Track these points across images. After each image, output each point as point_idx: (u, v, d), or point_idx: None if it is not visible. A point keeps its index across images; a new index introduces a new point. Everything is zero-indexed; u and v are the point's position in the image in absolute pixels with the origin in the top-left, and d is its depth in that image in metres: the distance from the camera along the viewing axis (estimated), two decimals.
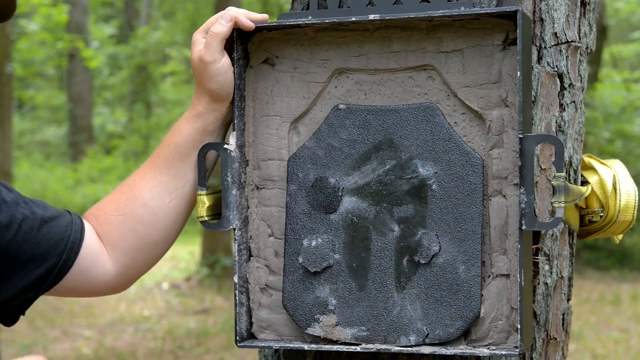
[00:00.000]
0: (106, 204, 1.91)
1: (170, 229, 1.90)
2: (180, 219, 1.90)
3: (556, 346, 1.88)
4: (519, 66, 1.63)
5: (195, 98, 1.86)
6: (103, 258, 1.86)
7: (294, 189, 1.81)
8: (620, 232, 1.91)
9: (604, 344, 8.83)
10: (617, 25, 21.33)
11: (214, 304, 10.91)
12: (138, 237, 1.88)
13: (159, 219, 1.87)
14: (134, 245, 1.88)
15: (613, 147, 13.10)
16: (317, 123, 1.82)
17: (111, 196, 1.92)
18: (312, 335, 1.78)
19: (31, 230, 1.74)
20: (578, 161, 1.89)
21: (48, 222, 1.77)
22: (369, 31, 1.79)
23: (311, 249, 1.78)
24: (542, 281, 1.83)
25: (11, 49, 10.29)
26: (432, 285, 1.71)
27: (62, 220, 1.81)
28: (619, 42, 20.14)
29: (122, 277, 1.91)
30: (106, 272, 1.87)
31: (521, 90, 1.63)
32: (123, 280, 1.91)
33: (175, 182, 1.87)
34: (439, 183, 1.72)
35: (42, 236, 1.76)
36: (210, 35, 1.80)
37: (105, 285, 1.89)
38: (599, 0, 1.95)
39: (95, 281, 1.86)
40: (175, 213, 1.89)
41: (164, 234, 1.89)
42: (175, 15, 26.18)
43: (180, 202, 1.88)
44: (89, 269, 1.84)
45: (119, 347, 9.07)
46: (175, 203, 1.88)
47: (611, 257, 13.07)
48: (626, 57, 19.89)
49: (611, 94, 13.86)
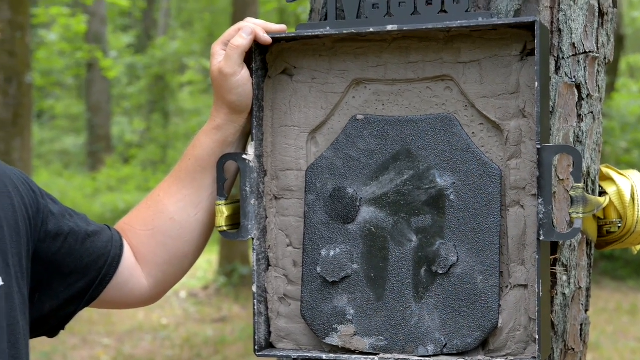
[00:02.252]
0: (133, 218, 1.92)
1: (198, 240, 1.91)
2: (206, 231, 1.91)
3: (574, 357, 1.87)
4: (537, 77, 1.63)
5: (214, 110, 1.86)
6: (138, 273, 1.88)
7: (312, 199, 1.81)
8: (638, 243, 1.90)
9: (621, 354, 8.79)
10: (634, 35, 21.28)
11: (232, 313, 10.91)
12: (168, 251, 1.89)
13: (186, 232, 1.88)
14: (164, 259, 1.89)
15: (630, 156, 13.06)
16: (335, 133, 1.82)
17: (137, 211, 1.93)
18: (331, 345, 1.78)
19: (76, 243, 1.76)
20: (596, 172, 1.88)
21: (91, 237, 1.80)
22: (387, 42, 1.79)
23: (329, 259, 1.78)
24: (560, 292, 1.82)
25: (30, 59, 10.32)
26: (450, 296, 1.71)
27: (103, 235, 1.83)
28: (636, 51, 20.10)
29: (155, 290, 1.93)
30: (141, 286, 1.89)
31: (539, 100, 1.63)
32: (156, 293, 1.93)
33: (199, 195, 1.88)
34: (456, 193, 1.71)
35: (85, 250, 1.78)
36: (230, 48, 1.80)
37: (140, 298, 1.91)
38: (617, 11, 1.94)
39: (131, 295, 1.88)
40: (201, 225, 1.90)
41: (192, 246, 1.91)
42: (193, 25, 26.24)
43: (205, 214, 1.89)
44: (126, 284, 1.85)
45: (137, 355, 9.09)
46: (200, 215, 1.89)
47: (628, 267, 13.02)
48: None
49: (628, 104, 13.84)
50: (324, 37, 1.80)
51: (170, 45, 24.00)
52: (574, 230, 1.64)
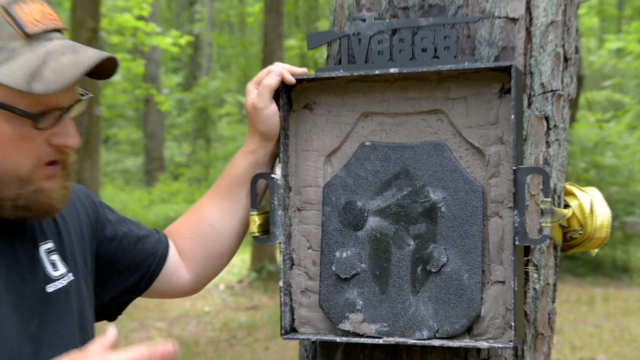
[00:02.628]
0: (180, 224, 1.93)
1: (232, 244, 1.92)
2: (239, 236, 1.92)
3: (543, 340, 1.86)
4: (513, 111, 1.63)
5: (249, 137, 1.87)
6: (181, 269, 1.89)
7: (328, 210, 1.81)
8: (596, 247, 1.89)
9: (581, 337, 8.75)
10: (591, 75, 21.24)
11: (261, 302, 10.90)
12: (207, 252, 1.89)
13: (223, 236, 1.89)
14: (204, 257, 1.90)
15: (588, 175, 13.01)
16: (347, 157, 1.82)
17: (183, 218, 1.94)
18: (343, 330, 1.78)
19: (129, 245, 1.78)
20: (561, 188, 1.87)
21: (142, 239, 1.81)
22: (390, 82, 1.79)
23: (342, 259, 1.78)
24: (531, 287, 1.81)
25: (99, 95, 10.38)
26: (441, 290, 1.70)
27: (152, 238, 1.84)
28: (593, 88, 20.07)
29: (195, 283, 1.93)
30: (184, 280, 1.90)
31: (514, 130, 1.63)
32: (196, 286, 1.94)
33: (234, 206, 1.89)
34: (446, 206, 1.71)
35: (137, 251, 1.79)
36: (262, 87, 1.81)
37: (183, 290, 1.92)
38: (578, 56, 1.94)
39: (175, 287, 1.89)
40: (235, 231, 1.90)
41: (227, 248, 1.91)
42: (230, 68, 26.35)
43: (239, 222, 1.89)
44: (171, 277, 1.86)
45: (185, 336, 9.08)
46: (235, 223, 1.89)
47: (586, 265, 12.95)
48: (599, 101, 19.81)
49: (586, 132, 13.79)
50: (338, 78, 1.80)
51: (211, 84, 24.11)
52: (544, 237, 1.64)
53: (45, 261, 1.54)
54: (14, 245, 1.47)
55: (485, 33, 1.78)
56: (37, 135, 1.39)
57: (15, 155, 1.38)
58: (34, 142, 1.39)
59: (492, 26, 1.77)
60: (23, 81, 1.32)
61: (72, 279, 1.59)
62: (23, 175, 1.39)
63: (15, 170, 1.38)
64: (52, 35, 1.41)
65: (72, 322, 1.55)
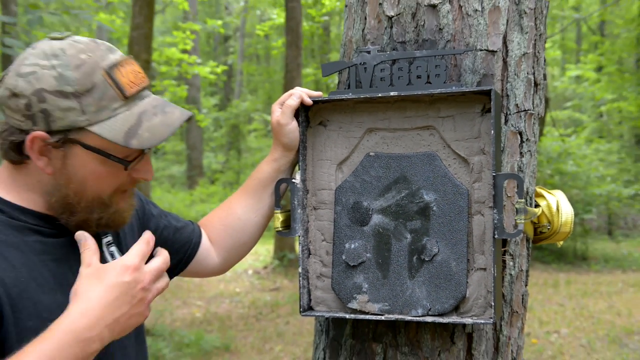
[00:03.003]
0: (212, 216, 1.94)
1: (255, 234, 1.92)
2: (261, 228, 1.92)
3: (518, 317, 1.85)
4: (493, 127, 1.62)
5: (273, 148, 1.87)
6: (212, 254, 1.89)
7: (339, 209, 1.80)
8: (561, 240, 1.88)
9: (547, 314, 8.71)
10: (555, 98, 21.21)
11: (283, 285, 10.90)
12: (234, 240, 1.90)
13: (247, 228, 1.89)
14: (231, 245, 1.90)
15: (553, 180, 13.00)
16: (355, 165, 1.81)
17: (215, 212, 1.95)
18: (351, 308, 1.77)
19: (169, 235, 1.79)
20: (532, 191, 1.86)
21: (179, 230, 1.83)
22: (390, 103, 1.78)
23: (351, 249, 1.77)
24: (508, 272, 1.80)
25: None
26: (433, 275, 1.69)
27: (188, 228, 1.85)
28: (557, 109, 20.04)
29: (223, 266, 1.94)
30: (214, 263, 1.91)
31: (494, 143, 1.62)
32: (224, 268, 1.94)
33: (258, 204, 1.89)
34: (437, 206, 1.70)
35: (176, 239, 1.80)
36: (285, 107, 1.81)
37: (213, 271, 1.92)
38: (545, 82, 1.93)
39: (207, 268, 1.90)
40: (258, 224, 1.91)
41: (250, 238, 1.91)
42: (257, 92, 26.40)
43: (261, 217, 1.90)
44: (204, 260, 1.87)
45: (220, 312, 9.09)
46: (258, 218, 1.89)
47: (552, 255, 12.94)
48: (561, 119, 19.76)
49: (552, 144, 13.75)
50: (348, 100, 1.79)
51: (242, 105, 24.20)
52: (518, 231, 1.62)
53: (106, 252, 1.55)
54: None
55: (469, 63, 1.76)
56: (123, 173, 1.44)
57: (103, 187, 1.42)
58: (119, 178, 1.44)
59: (475, 57, 1.76)
60: (121, 137, 1.36)
61: None
62: (105, 200, 1.43)
63: (100, 197, 1.43)
64: (144, 93, 1.44)
65: None
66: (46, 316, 1.30)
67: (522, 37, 1.80)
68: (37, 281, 1.33)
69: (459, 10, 1.77)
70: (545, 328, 8.08)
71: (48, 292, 1.34)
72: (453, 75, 1.77)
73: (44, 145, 1.37)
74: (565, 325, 8.22)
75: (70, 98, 1.34)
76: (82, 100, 1.34)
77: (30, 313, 1.30)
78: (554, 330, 7.98)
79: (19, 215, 1.39)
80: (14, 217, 1.38)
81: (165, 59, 15.43)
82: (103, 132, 1.35)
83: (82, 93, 1.34)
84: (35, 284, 1.32)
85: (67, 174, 1.39)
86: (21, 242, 1.35)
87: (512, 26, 1.79)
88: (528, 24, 1.81)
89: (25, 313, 1.29)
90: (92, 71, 1.35)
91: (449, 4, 1.77)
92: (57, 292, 1.36)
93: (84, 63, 1.35)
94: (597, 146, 15.95)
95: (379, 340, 1.80)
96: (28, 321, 1.29)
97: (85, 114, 1.35)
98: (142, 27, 8.42)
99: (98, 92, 1.35)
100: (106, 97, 1.36)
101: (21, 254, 1.34)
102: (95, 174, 1.40)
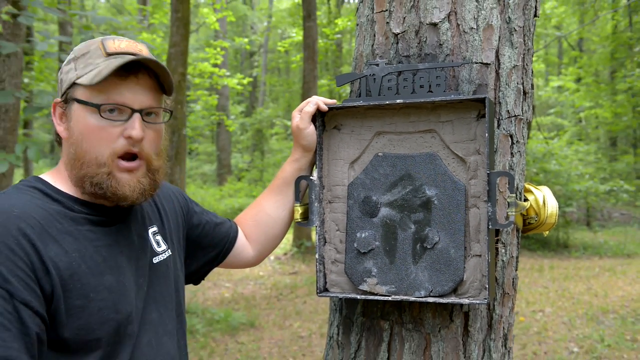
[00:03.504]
0: (245, 214, 1.93)
1: (284, 228, 1.91)
2: (288, 222, 1.91)
3: (509, 298, 1.83)
4: (487, 130, 1.60)
5: (294, 150, 1.86)
6: (247, 247, 1.88)
7: (351, 203, 1.78)
8: (547, 230, 1.85)
9: (533, 295, 8.66)
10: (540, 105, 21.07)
11: (301, 269, 10.90)
12: (266, 234, 1.89)
13: (277, 222, 1.88)
14: (263, 238, 1.89)
15: (538, 178, 12.91)
16: (365, 164, 1.80)
17: (247, 210, 1.94)
18: (362, 290, 1.75)
19: (210, 230, 1.79)
20: (522, 187, 1.84)
21: (218, 225, 1.82)
22: (396, 109, 1.76)
23: (362, 238, 1.75)
24: (500, 259, 1.78)
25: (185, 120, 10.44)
26: (434, 261, 1.68)
27: (226, 225, 1.84)
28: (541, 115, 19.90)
29: (257, 258, 1.93)
30: (249, 255, 1.89)
31: (488, 144, 1.60)
32: (258, 259, 1.93)
33: (285, 200, 1.88)
34: (438, 200, 1.68)
35: (215, 234, 1.79)
36: (303, 113, 1.80)
37: (248, 262, 1.91)
38: (533, 91, 1.90)
39: (243, 260, 1.89)
40: (286, 219, 1.90)
41: (280, 230, 1.90)
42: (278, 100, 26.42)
43: (288, 212, 1.89)
44: (240, 253, 1.86)
45: (245, 293, 9.11)
46: (285, 213, 1.88)
47: (538, 243, 12.84)
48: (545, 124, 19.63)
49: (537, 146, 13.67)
50: (359, 107, 1.78)
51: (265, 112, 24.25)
52: (510, 222, 1.61)
53: (152, 240, 1.55)
54: (131, 229, 1.48)
55: (466, 74, 1.75)
56: (111, 128, 1.38)
57: (96, 143, 1.38)
58: (109, 134, 1.38)
59: (471, 69, 1.74)
60: (90, 80, 1.36)
61: (170, 254, 1.59)
62: (101, 160, 1.38)
63: (96, 155, 1.38)
64: (128, 56, 1.40)
65: (170, 285, 1.56)
66: (93, 296, 1.32)
67: (513, 51, 1.78)
68: (87, 265, 1.33)
69: (456, 28, 1.75)
70: (531, 307, 8.02)
71: (97, 275, 1.34)
72: (452, 85, 1.75)
73: (60, 111, 1.43)
74: (549, 305, 8.16)
75: (71, 62, 1.43)
76: (77, 62, 1.41)
77: (79, 293, 1.30)
78: (539, 310, 7.92)
79: (73, 205, 1.39)
80: (69, 207, 1.39)
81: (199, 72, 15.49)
82: (83, 80, 1.37)
83: (79, 57, 1.42)
84: (86, 267, 1.33)
85: (71, 132, 1.40)
86: (75, 230, 1.36)
87: (504, 42, 1.77)
88: (518, 40, 1.79)
89: (74, 293, 1.30)
90: (92, 43, 1.43)
91: (448, 22, 1.75)
92: (105, 274, 1.36)
93: (92, 39, 1.44)
94: (577, 148, 15.83)
95: (387, 318, 1.79)
96: (76, 300, 1.30)
97: (76, 70, 1.40)
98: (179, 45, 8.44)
99: (89, 54, 1.41)
100: (93, 56, 1.40)
101: (75, 240, 1.34)
102: (86, 126, 1.37)
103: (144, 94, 1.41)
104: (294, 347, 6.59)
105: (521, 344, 6.52)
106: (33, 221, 1.29)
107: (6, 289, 1.20)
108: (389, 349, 1.77)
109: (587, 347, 6.39)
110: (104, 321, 1.33)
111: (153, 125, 1.44)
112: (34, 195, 1.36)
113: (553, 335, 6.85)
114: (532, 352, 6.26)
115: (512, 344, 1.87)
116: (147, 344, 1.43)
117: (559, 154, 13.78)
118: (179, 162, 8.74)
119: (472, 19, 1.75)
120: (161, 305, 1.50)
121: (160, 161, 1.46)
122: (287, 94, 24.58)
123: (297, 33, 18.33)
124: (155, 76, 1.43)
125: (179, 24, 8.45)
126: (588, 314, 7.61)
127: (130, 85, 1.38)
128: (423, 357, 1.74)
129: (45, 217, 1.32)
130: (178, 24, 8.44)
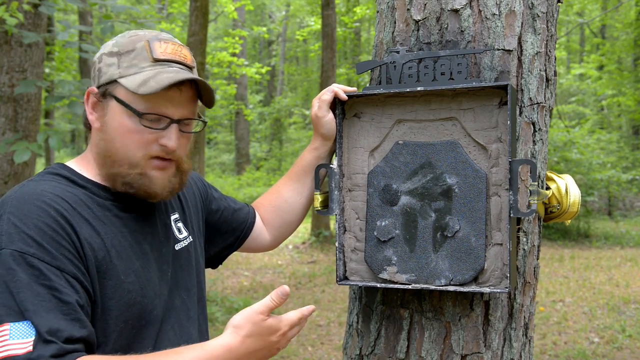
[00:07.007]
0: (263, 199, 1.94)
1: (301, 214, 1.91)
2: (305, 209, 1.92)
3: (530, 287, 1.81)
4: (509, 118, 1.58)
5: (313, 138, 1.86)
6: (264, 232, 1.89)
7: (371, 191, 1.78)
8: (569, 218, 1.84)
9: (554, 285, 8.60)
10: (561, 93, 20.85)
11: (319, 258, 10.92)
12: (282, 219, 1.89)
13: (294, 209, 1.89)
14: (280, 223, 1.90)
15: (559, 167, 12.80)
16: (385, 152, 1.79)
17: (266, 195, 1.95)
18: (382, 278, 1.75)
19: (228, 215, 1.81)
20: (544, 175, 1.82)
21: (237, 211, 1.84)
22: (417, 97, 1.75)
23: (382, 227, 1.75)
24: (522, 247, 1.76)
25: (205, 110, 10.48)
26: (454, 250, 1.67)
27: (244, 210, 1.86)
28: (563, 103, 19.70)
29: (274, 242, 1.94)
30: (266, 240, 1.91)
31: (510, 132, 1.58)
32: (274, 244, 1.95)
33: (302, 187, 1.88)
34: (459, 188, 1.67)
35: (233, 219, 1.81)
36: (321, 101, 1.80)
37: (265, 247, 1.93)
38: (556, 78, 1.88)
39: (260, 245, 1.91)
40: (303, 205, 1.90)
41: (296, 217, 1.91)
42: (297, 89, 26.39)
43: (305, 199, 1.89)
44: (257, 238, 1.88)
45: (264, 281, 9.15)
46: (303, 200, 1.89)
47: (558, 232, 12.75)
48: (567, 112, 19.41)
49: (558, 134, 13.53)
50: (379, 94, 1.77)
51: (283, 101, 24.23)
52: (531, 211, 1.59)
53: (174, 227, 1.57)
54: (154, 217, 1.51)
55: (488, 61, 1.73)
56: (147, 133, 1.39)
57: (130, 144, 1.39)
58: (145, 139, 1.39)
59: (493, 56, 1.72)
60: (136, 86, 1.36)
61: (191, 240, 1.61)
62: (133, 161, 1.39)
63: (129, 156, 1.39)
64: (175, 65, 1.42)
65: (191, 270, 1.58)
66: (123, 278, 1.35)
67: (535, 37, 1.76)
68: (116, 249, 1.36)
69: (478, 14, 1.73)
70: (551, 297, 7.97)
71: (125, 259, 1.37)
72: (473, 72, 1.73)
73: (94, 100, 1.42)
74: (569, 295, 8.10)
75: (114, 56, 1.41)
76: (121, 58, 1.40)
77: (111, 274, 1.33)
78: (560, 300, 7.87)
79: (99, 191, 1.42)
80: (95, 193, 1.41)
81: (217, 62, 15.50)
82: (126, 82, 1.37)
83: (123, 53, 1.40)
84: (115, 250, 1.36)
85: (105, 126, 1.41)
86: (103, 215, 1.38)
87: (526, 28, 1.75)
88: (540, 26, 1.77)
89: (108, 273, 1.33)
90: (138, 40, 1.42)
91: (470, 8, 1.73)
92: (132, 258, 1.39)
93: (136, 34, 1.43)
94: (599, 136, 15.64)
95: (406, 307, 1.79)
96: (109, 280, 1.33)
97: (119, 68, 1.39)
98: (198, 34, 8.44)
99: (134, 53, 1.40)
100: (138, 57, 1.40)
101: (103, 224, 1.37)
102: (122, 126, 1.38)
103: (184, 106, 1.42)
104: (312, 335, 6.62)
105: (541, 333, 6.48)
106: (65, 204, 1.32)
107: (56, 265, 1.24)
108: (408, 338, 1.77)
109: (608, 337, 6.34)
110: (132, 304, 1.36)
111: (187, 134, 1.46)
112: (60, 182, 1.39)
113: (573, 325, 6.80)
114: (552, 342, 6.23)
115: (532, 333, 1.86)
116: (171, 329, 1.46)
117: (580, 143, 13.64)
118: (198, 151, 8.79)
119: (494, 4, 1.73)
120: (184, 291, 1.53)
121: (189, 163, 1.50)
122: (306, 83, 24.53)
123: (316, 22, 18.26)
124: (195, 85, 1.44)
125: (197, 13, 8.45)
126: (609, 304, 7.54)
127: (174, 97, 1.39)
128: (443, 345, 1.74)
129: (76, 200, 1.35)
130: (197, 13, 8.44)
